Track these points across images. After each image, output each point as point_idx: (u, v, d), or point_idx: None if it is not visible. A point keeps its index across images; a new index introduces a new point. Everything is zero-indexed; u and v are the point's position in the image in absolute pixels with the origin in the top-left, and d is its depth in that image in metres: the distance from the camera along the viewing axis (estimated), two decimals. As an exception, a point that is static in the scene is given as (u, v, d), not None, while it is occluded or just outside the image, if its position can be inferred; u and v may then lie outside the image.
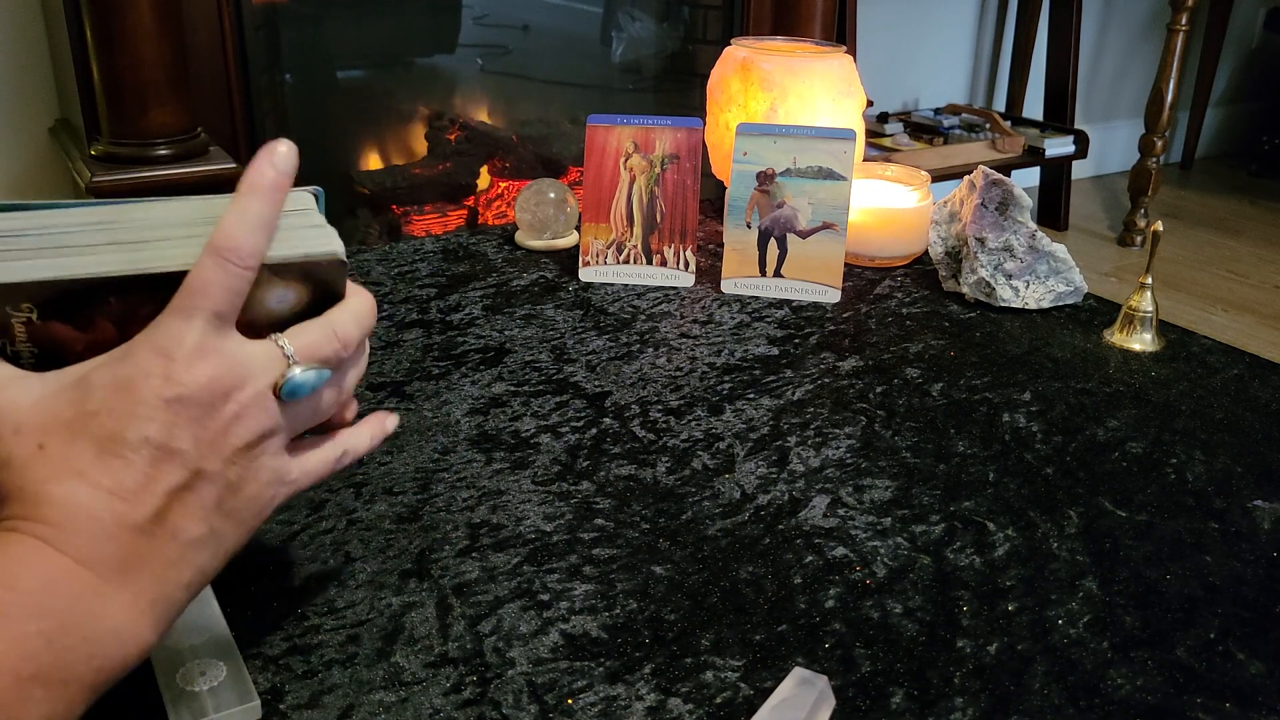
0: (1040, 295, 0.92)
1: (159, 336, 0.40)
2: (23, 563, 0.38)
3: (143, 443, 0.39)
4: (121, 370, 0.40)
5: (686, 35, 2.17)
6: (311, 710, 0.47)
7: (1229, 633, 0.54)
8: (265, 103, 1.63)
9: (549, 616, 0.53)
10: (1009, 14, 3.07)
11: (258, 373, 0.42)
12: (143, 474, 0.39)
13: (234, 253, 0.41)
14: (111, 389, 0.40)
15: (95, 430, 0.39)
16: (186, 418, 0.40)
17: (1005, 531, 0.61)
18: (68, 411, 0.39)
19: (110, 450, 0.39)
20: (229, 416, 0.41)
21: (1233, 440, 0.72)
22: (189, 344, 0.40)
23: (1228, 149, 3.76)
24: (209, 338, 0.41)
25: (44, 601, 0.37)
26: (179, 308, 0.41)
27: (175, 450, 0.40)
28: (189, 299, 0.41)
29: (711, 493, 0.64)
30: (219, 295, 0.41)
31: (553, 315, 0.89)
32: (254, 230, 0.42)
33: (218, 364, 0.41)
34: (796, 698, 0.47)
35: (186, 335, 0.40)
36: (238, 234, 0.41)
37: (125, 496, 0.39)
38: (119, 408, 0.39)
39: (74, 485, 0.39)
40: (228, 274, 0.41)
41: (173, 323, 0.41)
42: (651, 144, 0.94)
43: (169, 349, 0.40)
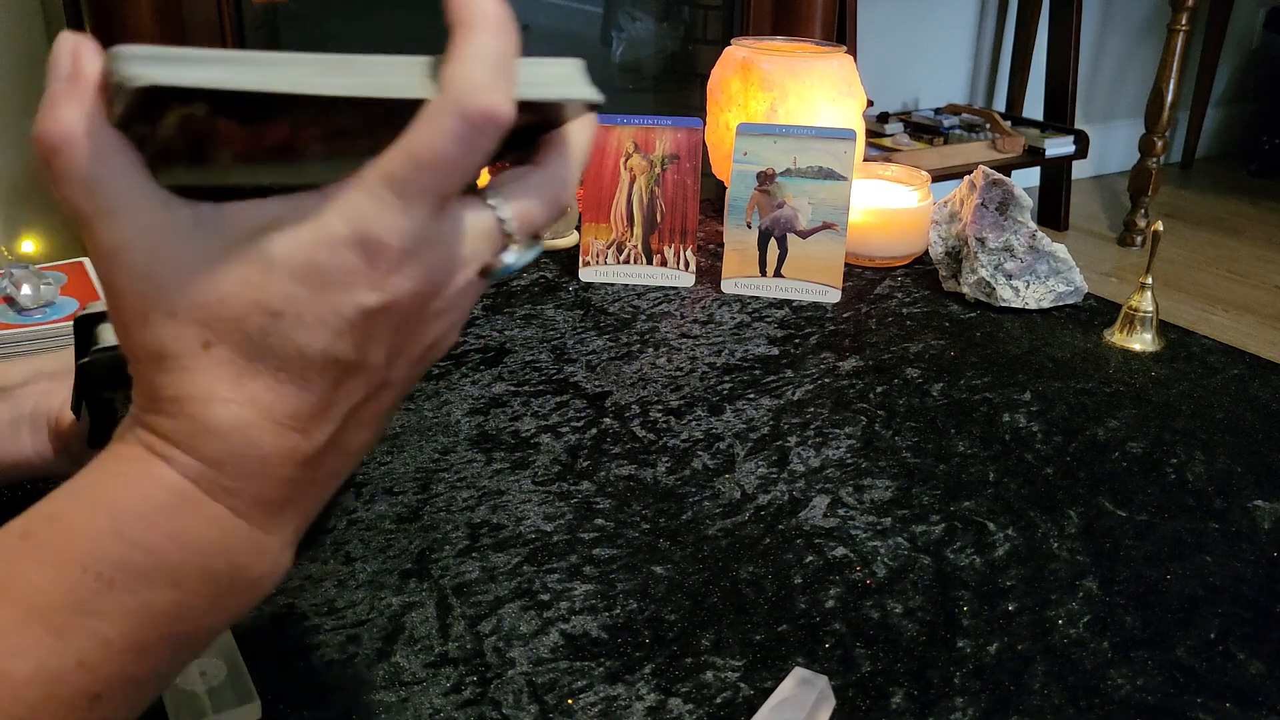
0: (1040, 295, 0.92)
1: (367, 217, 0.30)
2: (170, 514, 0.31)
3: (331, 363, 0.31)
4: (314, 255, 0.30)
5: (686, 35, 2.17)
6: (311, 710, 0.47)
7: (1229, 633, 0.54)
8: (265, 103, 1.63)
9: (549, 616, 0.53)
10: (1009, 14, 3.07)
11: (470, 258, 0.33)
12: (325, 397, 0.32)
13: (488, 118, 0.30)
14: (300, 281, 0.30)
15: (275, 339, 0.30)
16: (386, 328, 0.32)
17: (1005, 531, 0.61)
18: (241, 301, 0.30)
19: (291, 370, 0.31)
20: (430, 316, 0.33)
21: (1233, 440, 0.72)
22: (405, 239, 0.30)
23: (1228, 149, 3.76)
24: (429, 228, 0.31)
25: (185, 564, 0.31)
26: (400, 182, 0.30)
27: (365, 365, 0.32)
28: (416, 175, 0.30)
29: (711, 493, 0.64)
30: (456, 176, 0.31)
31: (553, 315, 0.89)
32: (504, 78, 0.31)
33: (433, 259, 0.32)
34: (796, 698, 0.47)
35: (405, 225, 0.30)
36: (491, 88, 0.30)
37: (300, 428, 0.31)
38: (308, 313, 0.30)
39: (245, 415, 0.31)
40: (473, 146, 0.30)
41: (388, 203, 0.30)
42: (651, 144, 0.94)
43: (381, 241, 0.30)
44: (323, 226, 0.30)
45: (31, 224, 1.84)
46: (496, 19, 0.31)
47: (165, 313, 0.30)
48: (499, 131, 0.30)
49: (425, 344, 0.34)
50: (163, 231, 0.30)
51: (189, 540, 0.31)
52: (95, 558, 0.30)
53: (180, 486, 0.31)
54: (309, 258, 0.30)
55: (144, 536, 0.30)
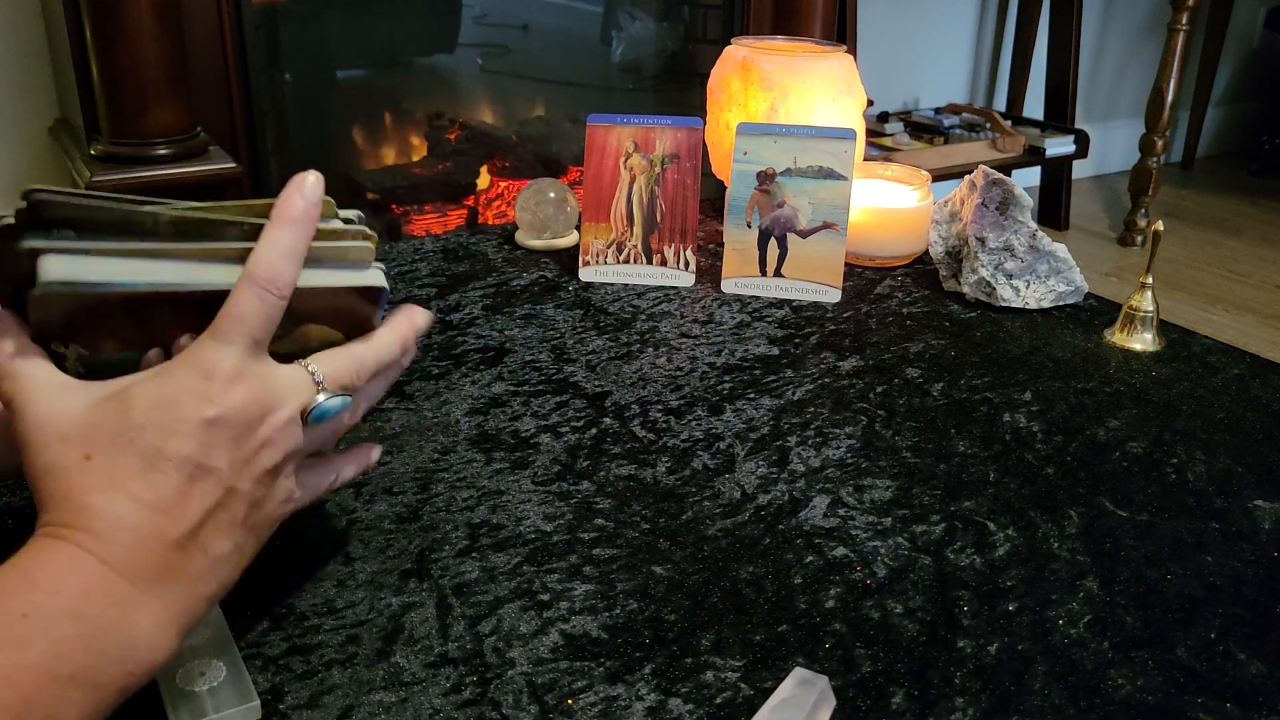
0: (1041, 295, 0.92)
1: (200, 358, 0.43)
2: (63, 568, 0.39)
3: (183, 460, 0.42)
4: (165, 388, 0.42)
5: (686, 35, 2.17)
6: (311, 710, 0.47)
7: (1229, 633, 0.54)
8: (265, 102, 1.63)
9: (549, 616, 0.53)
10: (1009, 14, 3.07)
11: (289, 397, 0.45)
12: (181, 490, 0.42)
13: (271, 283, 0.44)
14: (155, 404, 0.42)
15: (139, 444, 0.41)
16: (223, 438, 0.43)
17: (1006, 531, 0.61)
18: (113, 423, 0.41)
19: (152, 465, 0.41)
20: (261, 439, 0.44)
21: (1233, 440, 0.72)
22: (227, 367, 0.43)
23: (1228, 149, 3.76)
24: (246, 362, 0.43)
25: (82, 606, 0.39)
26: (219, 332, 0.43)
27: (211, 469, 0.42)
28: (228, 325, 0.43)
29: (711, 493, 0.64)
30: (255, 322, 0.44)
31: (553, 315, 0.89)
32: (286, 259, 0.44)
33: (254, 387, 0.43)
34: (797, 698, 0.47)
35: (225, 359, 0.43)
36: (273, 264, 0.44)
37: (164, 511, 0.41)
38: (162, 423, 0.41)
39: (116, 497, 0.41)
40: (264, 303, 0.44)
41: (213, 345, 0.43)
42: (651, 144, 0.94)
43: (209, 370, 0.43)
44: (171, 369, 0.43)
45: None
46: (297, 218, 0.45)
47: (58, 438, 0.41)
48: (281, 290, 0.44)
49: (264, 466, 0.44)
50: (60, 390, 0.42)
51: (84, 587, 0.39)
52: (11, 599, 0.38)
53: (73, 552, 0.40)
54: (162, 388, 0.42)
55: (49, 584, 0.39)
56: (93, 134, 1.40)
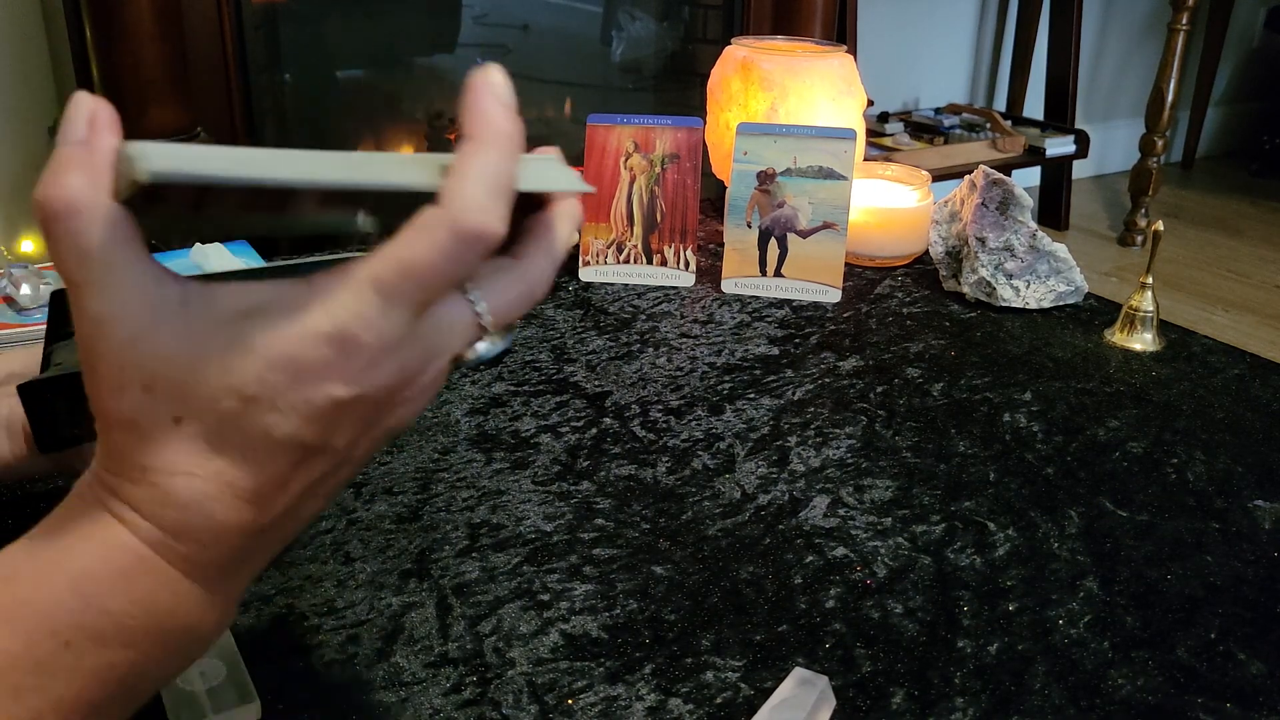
0: (1041, 295, 0.92)
1: (350, 318, 0.31)
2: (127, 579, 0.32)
3: (296, 446, 0.32)
4: (292, 347, 0.31)
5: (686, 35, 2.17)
6: (311, 710, 0.47)
7: (1229, 633, 0.54)
8: (265, 102, 1.63)
9: (549, 616, 0.53)
10: (1009, 14, 3.07)
11: (443, 349, 0.34)
12: (284, 475, 0.32)
13: (479, 236, 0.31)
14: (276, 369, 0.31)
15: (245, 421, 0.31)
16: (354, 417, 0.32)
17: (1006, 531, 0.61)
18: (216, 383, 0.31)
19: (256, 450, 0.32)
20: (399, 404, 0.34)
21: (1233, 440, 0.72)
22: (384, 339, 0.31)
23: (1228, 148, 3.76)
24: (408, 329, 0.32)
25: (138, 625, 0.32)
26: (387, 287, 0.31)
27: (328, 449, 0.33)
28: (402, 282, 0.31)
29: (711, 493, 0.64)
30: (441, 285, 0.32)
31: (553, 315, 0.89)
32: (498, 198, 0.32)
33: (409, 355, 0.32)
34: (797, 698, 0.47)
35: (384, 326, 0.31)
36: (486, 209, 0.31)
37: (258, 501, 0.32)
38: (280, 399, 0.31)
39: (208, 490, 0.32)
40: (461, 263, 0.31)
41: (371, 305, 0.31)
42: (651, 144, 0.94)
43: (357, 341, 0.31)
44: (305, 319, 0.31)
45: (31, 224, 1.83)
46: (506, 138, 0.32)
47: (142, 385, 0.31)
48: (489, 249, 0.32)
49: (388, 427, 0.34)
50: (150, 308, 0.31)
51: (146, 604, 0.32)
52: (54, 619, 0.31)
53: (139, 551, 0.32)
54: (287, 348, 0.31)
55: (103, 600, 0.31)
56: (93, 134, 1.40)
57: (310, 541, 0.58)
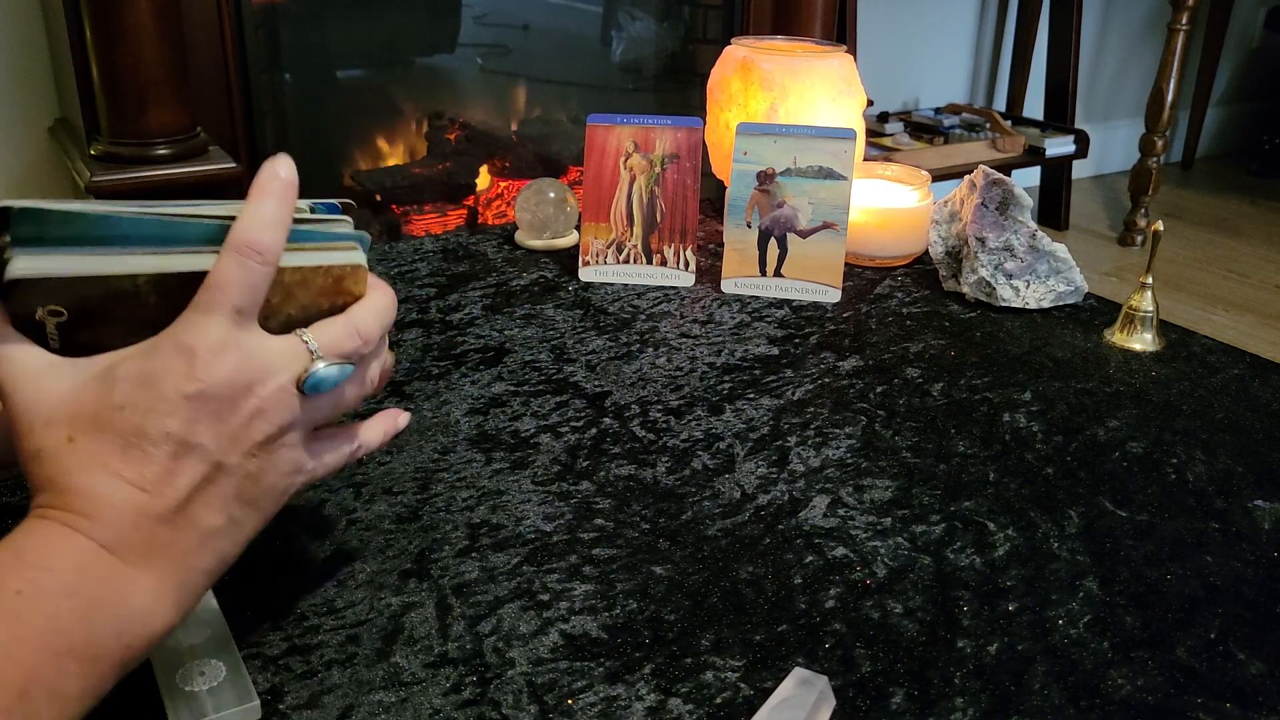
0: (1041, 295, 0.92)
1: (182, 332, 0.42)
2: (54, 546, 0.40)
3: (164, 437, 0.41)
4: (146, 365, 0.41)
5: (686, 35, 2.17)
6: (311, 710, 0.47)
7: (1229, 633, 0.54)
8: (265, 103, 1.63)
9: (549, 616, 0.53)
10: (1009, 14, 3.07)
11: (280, 367, 0.44)
12: (164, 467, 0.41)
13: (251, 248, 0.43)
14: (136, 383, 0.41)
15: (120, 424, 0.41)
16: (207, 413, 0.42)
17: (1005, 531, 0.61)
18: (94, 404, 0.41)
19: (133, 444, 0.41)
20: (250, 411, 0.43)
21: (1233, 440, 0.72)
22: (211, 339, 0.42)
23: (1228, 148, 3.76)
24: (230, 333, 0.42)
25: (75, 581, 0.39)
26: (201, 303, 0.42)
27: (196, 445, 0.42)
28: (210, 294, 0.42)
29: (711, 493, 0.64)
30: (239, 290, 0.42)
31: (553, 315, 0.89)
32: (269, 227, 0.43)
33: (239, 359, 0.42)
34: (796, 698, 0.47)
35: (208, 331, 0.42)
36: (254, 230, 0.43)
37: (147, 488, 0.41)
38: (142, 403, 0.41)
39: (99, 477, 0.40)
40: (246, 270, 0.42)
41: (195, 318, 0.42)
42: (651, 143, 0.94)
43: (191, 345, 0.41)
44: (154, 345, 0.42)
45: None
46: (279, 189, 0.44)
47: (42, 422, 0.41)
48: (264, 257, 0.43)
49: (255, 439, 0.43)
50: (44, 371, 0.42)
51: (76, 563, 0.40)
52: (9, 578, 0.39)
53: (62, 530, 0.40)
54: (143, 365, 0.42)
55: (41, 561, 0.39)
56: (93, 134, 1.40)
57: (310, 541, 0.58)
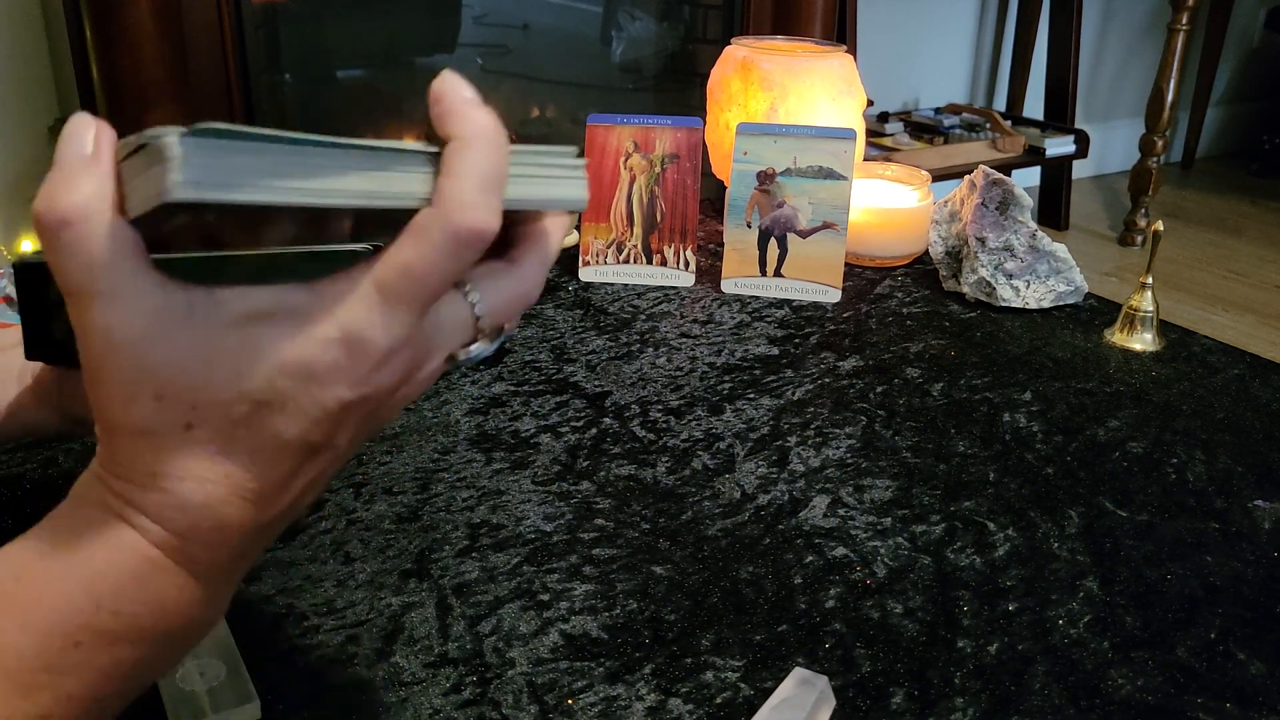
0: (1041, 295, 0.92)
1: (358, 322, 0.32)
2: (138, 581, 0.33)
3: (303, 446, 0.33)
4: (302, 351, 0.32)
5: (686, 35, 2.17)
6: (311, 710, 0.47)
7: (1229, 633, 0.54)
8: (265, 103, 1.63)
9: (549, 616, 0.53)
10: (1009, 14, 3.07)
11: (441, 346, 0.35)
12: (289, 474, 0.34)
13: (475, 234, 0.32)
14: (288, 375, 0.31)
15: (255, 425, 0.32)
16: (358, 416, 0.34)
17: (1005, 531, 0.61)
18: (226, 390, 0.31)
19: (265, 453, 0.32)
20: (398, 401, 0.35)
21: (1233, 440, 0.72)
22: (391, 341, 0.32)
23: (1228, 149, 3.76)
24: (412, 329, 0.33)
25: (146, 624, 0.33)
26: (390, 290, 0.32)
27: (331, 447, 0.34)
28: (405, 284, 0.32)
29: (711, 493, 0.64)
30: (441, 285, 0.32)
31: (553, 315, 0.89)
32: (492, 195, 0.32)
33: (411, 354, 0.34)
34: (797, 698, 0.47)
35: (389, 331, 0.32)
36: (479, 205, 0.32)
37: (263, 502, 0.33)
38: (290, 404, 0.32)
39: (217, 493, 0.32)
40: (459, 260, 0.32)
41: (377, 308, 0.32)
42: (651, 143, 0.94)
43: (366, 343, 0.32)
44: (314, 325, 0.32)
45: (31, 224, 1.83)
46: (491, 134, 0.33)
47: (153, 394, 0.31)
48: (484, 245, 0.33)
49: (384, 420, 0.36)
50: (157, 317, 0.31)
51: (154, 604, 0.33)
52: (66, 620, 0.32)
53: (150, 554, 0.33)
54: (298, 354, 0.31)
55: (114, 602, 0.32)
56: (93, 134, 1.40)
57: (310, 541, 0.58)
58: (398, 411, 0.36)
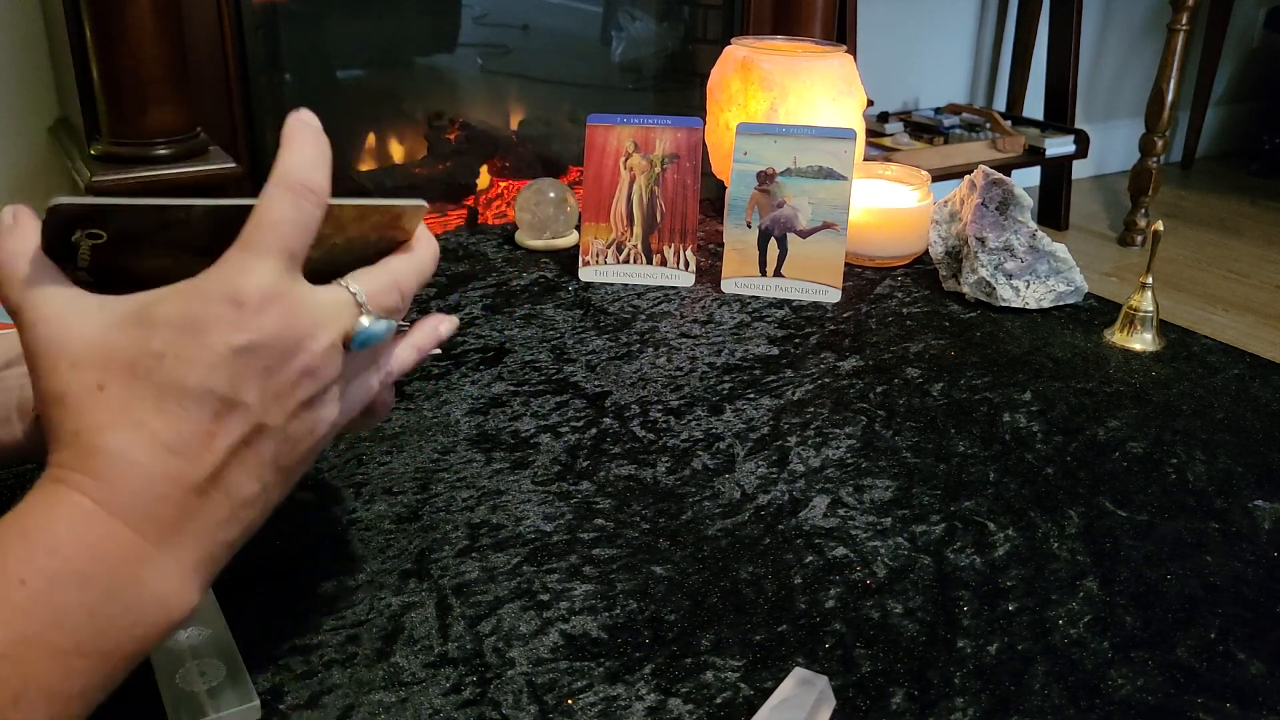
0: (1041, 295, 0.92)
1: (230, 274, 0.37)
2: (69, 524, 0.36)
3: (207, 394, 0.37)
4: (189, 309, 0.37)
5: (686, 35, 2.17)
6: (311, 710, 0.47)
7: (1229, 633, 0.54)
8: (265, 103, 1.63)
9: (549, 616, 0.53)
10: (1009, 14, 3.07)
11: (328, 321, 0.40)
12: (204, 429, 0.37)
13: (304, 187, 0.39)
14: (178, 329, 0.37)
15: (158, 376, 0.36)
16: (255, 369, 0.38)
17: (1005, 531, 0.61)
18: (130, 349, 0.37)
19: (173, 399, 0.36)
20: (299, 369, 0.39)
21: (1233, 440, 0.72)
22: (262, 286, 0.37)
23: (1228, 149, 3.76)
24: (281, 280, 0.38)
25: (88, 569, 0.35)
26: (251, 243, 0.38)
27: (239, 404, 0.37)
28: (261, 233, 0.38)
29: (711, 493, 0.64)
30: (291, 233, 0.38)
31: (553, 315, 0.89)
32: (318, 166, 0.40)
33: (289, 310, 0.38)
34: (796, 698, 0.47)
35: (259, 276, 0.37)
36: (303, 169, 0.39)
37: (184, 453, 0.37)
38: (185, 352, 0.37)
39: (131, 438, 0.36)
40: (299, 210, 0.39)
41: (244, 260, 0.38)
42: (651, 144, 0.94)
43: (240, 291, 0.37)
44: (198, 286, 0.38)
45: (31, 224, 1.83)
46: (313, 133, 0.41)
47: (68, 363, 0.37)
48: (318, 198, 0.39)
49: (299, 398, 0.39)
50: (71, 308, 0.38)
51: (90, 547, 0.36)
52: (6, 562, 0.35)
53: (80, 502, 0.36)
54: (186, 310, 0.37)
55: (49, 541, 0.35)
56: (93, 134, 1.40)
57: (310, 541, 0.58)
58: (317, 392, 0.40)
